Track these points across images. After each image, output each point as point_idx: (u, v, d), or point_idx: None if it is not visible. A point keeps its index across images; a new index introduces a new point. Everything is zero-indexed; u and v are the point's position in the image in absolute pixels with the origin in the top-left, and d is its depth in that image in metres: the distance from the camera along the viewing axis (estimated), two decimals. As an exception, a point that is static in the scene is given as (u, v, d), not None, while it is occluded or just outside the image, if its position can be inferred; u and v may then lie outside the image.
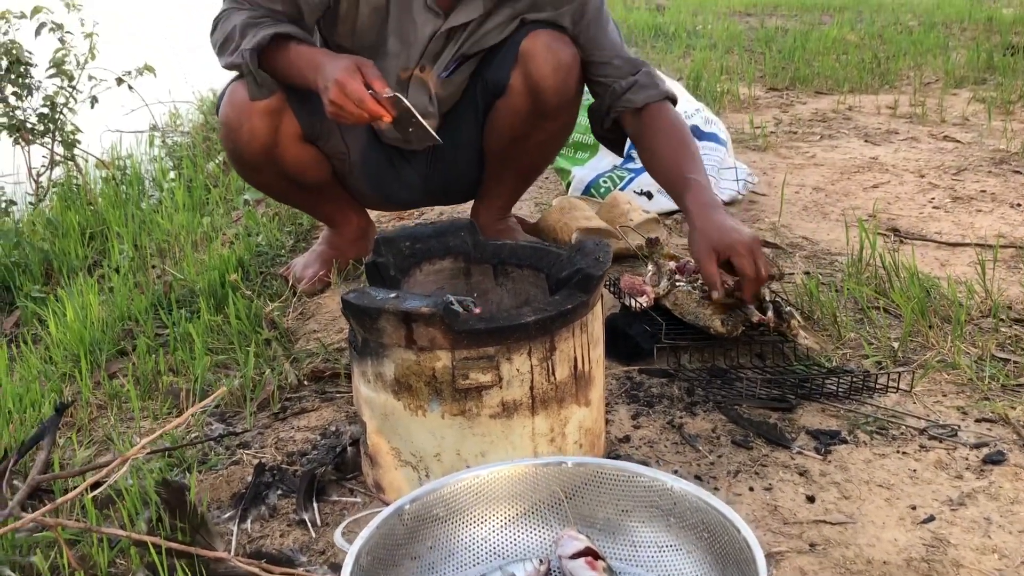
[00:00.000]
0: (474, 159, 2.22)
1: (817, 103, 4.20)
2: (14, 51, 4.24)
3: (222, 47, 1.93)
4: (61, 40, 4.39)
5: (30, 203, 4.32)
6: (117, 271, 2.89)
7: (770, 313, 1.83)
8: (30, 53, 4.32)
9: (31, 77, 4.31)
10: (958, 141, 3.52)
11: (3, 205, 4.19)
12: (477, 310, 1.39)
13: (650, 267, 1.98)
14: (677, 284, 1.89)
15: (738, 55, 5.19)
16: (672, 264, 1.98)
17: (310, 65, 1.84)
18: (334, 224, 2.32)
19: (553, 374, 1.37)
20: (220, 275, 2.35)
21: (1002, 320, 2.02)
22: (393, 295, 1.36)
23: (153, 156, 4.99)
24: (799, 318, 1.88)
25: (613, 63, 2.04)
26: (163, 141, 5.16)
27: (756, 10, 7.40)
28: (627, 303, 1.90)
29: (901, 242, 2.53)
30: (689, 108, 2.91)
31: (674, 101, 2.07)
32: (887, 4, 7.59)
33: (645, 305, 1.87)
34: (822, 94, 4.38)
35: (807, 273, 2.29)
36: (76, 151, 4.49)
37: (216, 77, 6.41)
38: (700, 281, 1.88)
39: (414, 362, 1.33)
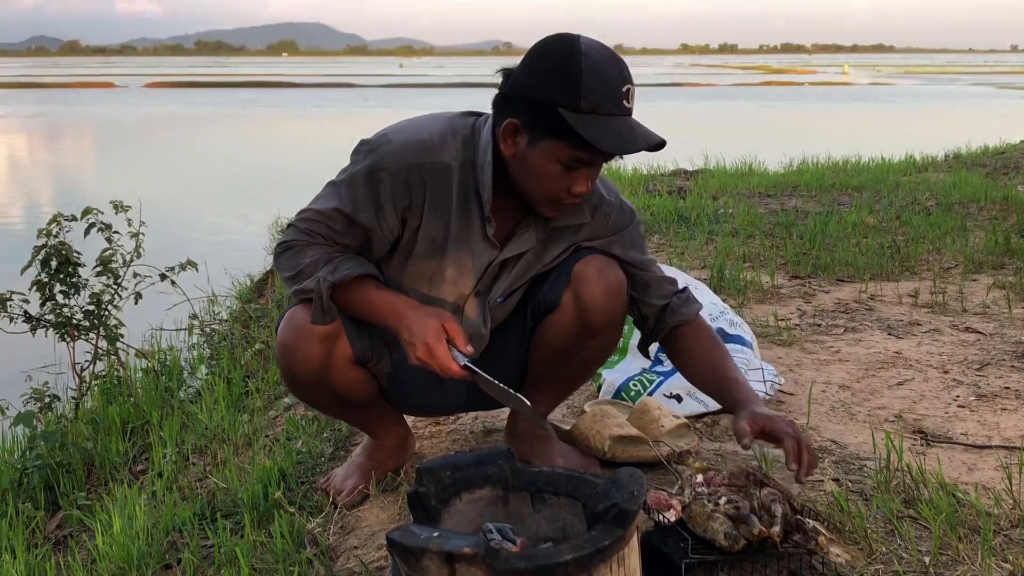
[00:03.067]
0: (516, 371, 2.32)
1: (839, 292, 4.30)
2: (64, 252, 4.43)
3: (297, 275, 2.02)
4: (108, 240, 4.60)
5: (72, 397, 4.44)
6: (160, 475, 2.97)
7: (775, 528, 1.86)
8: (79, 253, 4.51)
9: (78, 276, 4.50)
10: (980, 332, 3.59)
11: (47, 400, 4.31)
12: (517, 546, 1.45)
13: (676, 482, 2.03)
14: (698, 497, 1.93)
15: (759, 241, 5.34)
16: (700, 477, 2.04)
17: (393, 313, 1.98)
18: (375, 435, 2.40)
19: (592, 611, 1.42)
20: (263, 487, 2.42)
21: (1032, 531, 2.05)
22: (436, 534, 1.42)
23: (192, 344, 5.15)
24: (826, 533, 1.91)
25: (659, 283, 2.25)
26: (202, 330, 5.32)
27: (776, 190, 7.61)
28: (656, 519, 1.95)
29: (928, 445, 2.58)
30: (714, 311, 3.01)
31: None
32: (904, 184, 7.78)
33: (672, 520, 1.91)
34: (844, 282, 4.49)
35: (836, 480, 2.34)
36: (118, 344, 4.64)
37: (254, 267, 6.63)
38: (719, 494, 1.94)
39: (458, 602, 1.38)
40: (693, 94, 42.08)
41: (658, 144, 1.91)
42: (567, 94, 1.86)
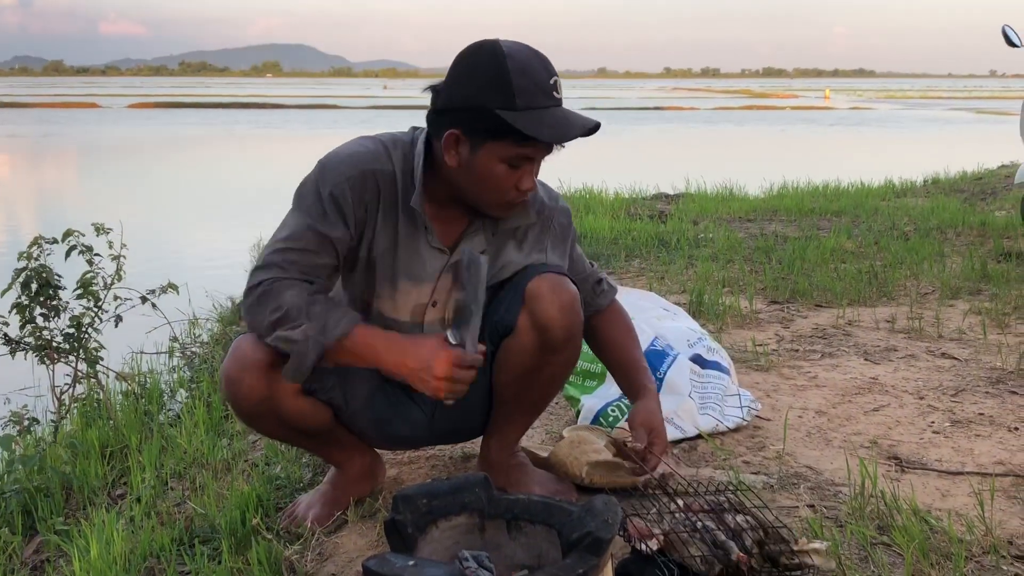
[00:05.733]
0: (481, 399, 2.33)
1: (817, 317, 4.33)
2: (44, 274, 4.42)
3: (277, 322, 1.99)
4: (89, 262, 4.58)
5: (52, 421, 4.42)
6: (139, 500, 2.97)
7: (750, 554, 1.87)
8: (59, 276, 4.50)
9: (59, 299, 4.48)
10: (955, 358, 3.63)
11: (26, 423, 4.29)
12: (493, 575, 1.46)
13: (653, 508, 2.05)
14: (675, 524, 1.95)
15: (739, 266, 5.37)
16: (676, 504, 2.06)
17: (390, 349, 2.02)
18: (336, 464, 2.40)
19: (566, 638, 1.43)
20: (241, 512, 2.42)
21: (1003, 557, 2.08)
22: (412, 563, 1.44)
23: (173, 367, 5.14)
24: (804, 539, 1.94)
25: (587, 279, 2.40)
26: (182, 353, 5.31)
27: (756, 215, 7.68)
28: (638, 547, 1.95)
29: (903, 471, 2.60)
30: (692, 337, 3.03)
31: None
32: (883, 209, 7.86)
33: (655, 549, 1.93)
34: (822, 307, 4.52)
35: (811, 506, 2.36)
36: (98, 367, 4.62)
37: (235, 289, 6.62)
38: (696, 520, 1.96)
39: (433, 629, 1.40)
40: (675, 118, 42.32)
41: (593, 127, 2.00)
42: (501, 96, 1.94)
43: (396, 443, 2.47)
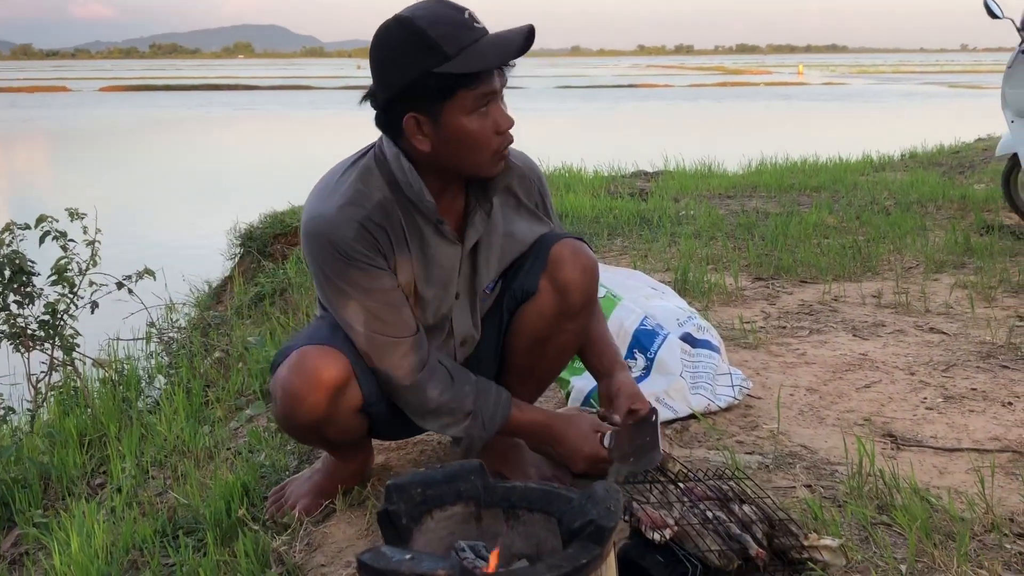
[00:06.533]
0: (492, 368, 2.32)
1: (803, 293, 4.30)
2: (17, 261, 4.34)
3: (429, 415, 2.12)
4: (64, 248, 4.50)
5: (28, 409, 4.35)
6: (119, 490, 2.90)
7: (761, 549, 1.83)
8: (33, 262, 4.42)
9: (33, 286, 4.41)
10: (944, 333, 3.60)
11: (2, 413, 4.21)
12: (488, 564, 1.40)
13: (653, 494, 2.00)
14: (684, 513, 1.90)
15: (722, 243, 5.33)
16: (679, 488, 2.01)
17: (539, 428, 2.21)
18: (341, 458, 2.33)
19: (570, 631, 1.38)
20: (226, 502, 2.36)
21: (1005, 535, 2.04)
22: (408, 556, 1.38)
23: (150, 352, 5.06)
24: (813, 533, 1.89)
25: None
26: (160, 338, 5.23)
27: (735, 192, 7.62)
28: (649, 536, 1.89)
29: (898, 448, 2.57)
30: (681, 316, 2.98)
31: None
32: (862, 183, 7.83)
33: (668, 538, 1.86)
34: (807, 283, 4.49)
35: (808, 487, 2.32)
36: (75, 354, 4.54)
37: (212, 273, 6.53)
38: (704, 508, 1.91)
39: (432, 625, 1.34)
40: (650, 95, 42.26)
41: (528, 33, 1.93)
42: (430, 55, 1.90)
43: (407, 433, 2.44)
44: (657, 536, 1.87)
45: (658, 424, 2.14)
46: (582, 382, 2.81)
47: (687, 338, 2.90)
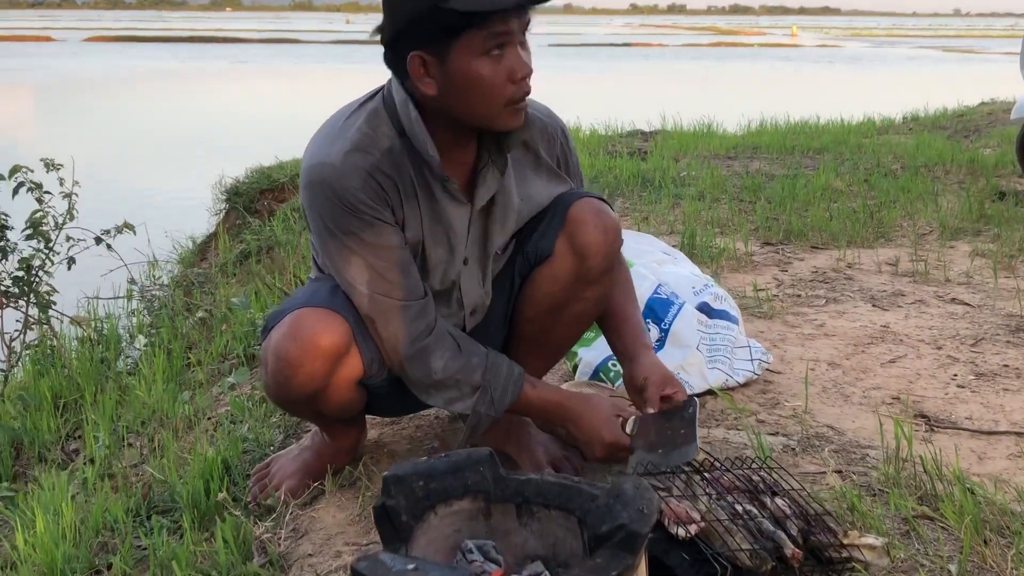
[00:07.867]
0: (499, 338, 2.14)
1: (815, 259, 4.10)
2: (-11, 214, 4.12)
3: (432, 387, 1.93)
4: (39, 200, 4.28)
5: (1, 370, 4.15)
6: (92, 462, 2.71)
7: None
8: (6, 216, 4.21)
9: (6, 240, 4.20)
10: (968, 304, 3.41)
11: (-27, 373, 4.00)
12: (500, 570, 1.22)
13: (678, 483, 1.81)
14: (712, 508, 1.71)
15: (727, 205, 5.12)
16: (704, 477, 1.82)
17: (553, 408, 2.00)
18: (333, 435, 2.14)
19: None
20: (205, 481, 2.17)
21: (1059, 531, 1.87)
22: (411, 566, 1.19)
23: (131, 311, 4.85)
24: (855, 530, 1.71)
25: None
26: (141, 296, 5.03)
27: (737, 152, 7.40)
28: (673, 532, 1.70)
29: (932, 430, 2.38)
30: (697, 284, 2.79)
31: None
32: (866, 146, 7.62)
33: (692, 534, 1.68)
34: (818, 249, 4.29)
35: (839, 472, 2.13)
36: (51, 312, 4.34)
37: (196, 229, 6.33)
38: (733, 501, 1.73)
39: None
40: (645, 54, 41.86)
41: None
42: None
43: (407, 410, 2.27)
44: (682, 532, 1.68)
45: (696, 416, 1.93)
46: (591, 354, 2.60)
47: (704, 308, 2.71)
